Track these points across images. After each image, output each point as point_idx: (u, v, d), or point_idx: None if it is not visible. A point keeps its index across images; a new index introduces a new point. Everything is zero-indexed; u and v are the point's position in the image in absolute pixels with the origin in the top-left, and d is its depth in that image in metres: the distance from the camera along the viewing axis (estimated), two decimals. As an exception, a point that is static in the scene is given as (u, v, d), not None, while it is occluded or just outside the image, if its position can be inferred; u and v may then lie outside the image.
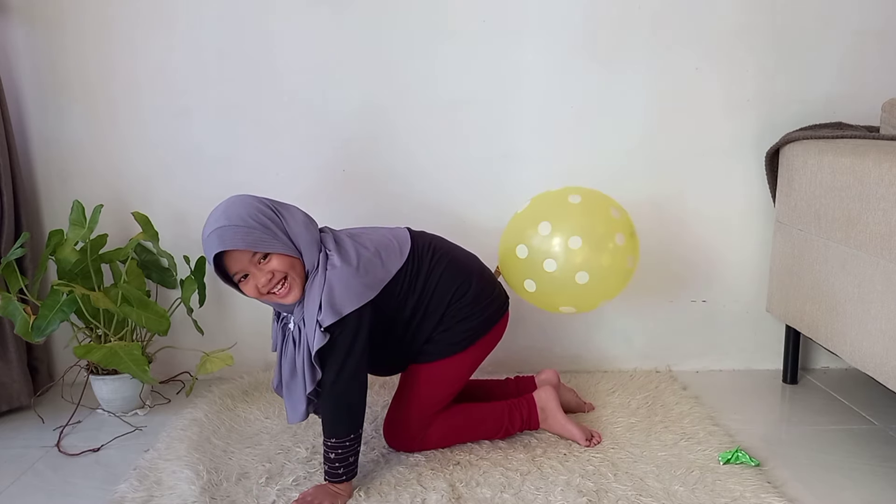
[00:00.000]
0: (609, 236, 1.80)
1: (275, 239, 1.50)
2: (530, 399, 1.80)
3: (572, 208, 1.83)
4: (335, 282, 1.52)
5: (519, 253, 1.83)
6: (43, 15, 2.06)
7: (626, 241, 1.83)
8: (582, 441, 1.76)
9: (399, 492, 1.58)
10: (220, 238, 1.47)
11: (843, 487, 1.62)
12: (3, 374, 2.00)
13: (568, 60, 2.12)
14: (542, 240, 1.80)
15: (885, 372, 1.60)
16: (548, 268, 1.79)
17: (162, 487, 1.60)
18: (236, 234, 1.47)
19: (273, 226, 1.51)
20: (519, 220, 1.90)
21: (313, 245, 1.55)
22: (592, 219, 1.82)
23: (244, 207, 1.51)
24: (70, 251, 1.96)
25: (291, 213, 1.57)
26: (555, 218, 1.81)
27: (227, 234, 1.47)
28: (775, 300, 2.12)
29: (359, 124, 2.14)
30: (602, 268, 1.80)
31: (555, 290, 1.83)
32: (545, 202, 1.90)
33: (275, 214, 1.53)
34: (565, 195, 1.87)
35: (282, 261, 1.51)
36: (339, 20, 2.08)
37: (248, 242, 1.48)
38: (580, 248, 1.77)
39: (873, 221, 1.64)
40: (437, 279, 1.67)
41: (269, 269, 1.51)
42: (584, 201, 1.84)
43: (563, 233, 1.79)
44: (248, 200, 1.53)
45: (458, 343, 1.69)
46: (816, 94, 2.15)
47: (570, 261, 1.78)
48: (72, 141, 2.13)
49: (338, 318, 1.50)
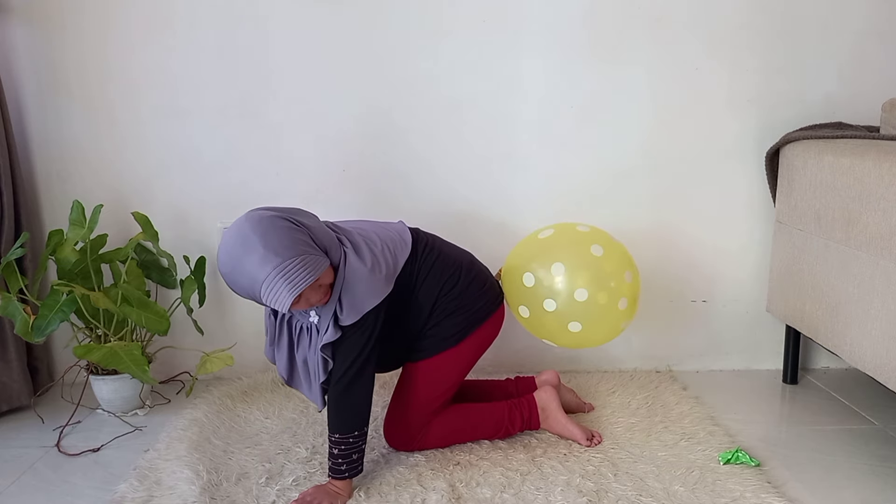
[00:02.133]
0: (615, 298, 1.80)
1: (319, 254, 1.46)
2: (531, 399, 1.80)
3: (591, 260, 1.81)
4: (354, 281, 1.51)
5: (525, 280, 1.83)
6: (43, 15, 2.06)
7: (628, 306, 1.84)
8: (583, 441, 1.76)
9: (399, 492, 1.58)
10: (289, 281, 1.38)
11: (843, 487, 1.62)
12: (3, 374, 2.00)
13: (568, 60, 2.12)
14: (550, 279, 1.80)
15: (885, 372, 1.61)
16: (546, 307, 1.81)
17: (162, 487, 1.60)
18: (302, 270, 1.39)
19: (310, 240, 1.46)
20: (535, 247, 1.88)
21: (334, 245, 1.53)
22: (606, 277, 1.80)
23: (279, 233, 1.41)
24: (70, 251, 1.96)
25: (308, 218, 1.52)
26: (571, 264, 1.80)
27: (292, 273, 1.38)
28: (775, 300, 2.12)
29: (359, 124, 2.14)
30: (596, 323, 1.82)
31: (544, 325, 1.85)
32: (567, 240, 1.87)
33: (303, 228, 1.46)
34: (589, 243, 1.84)
35: (328, 272, 1.48)
36: (339, 20, 2.08)
37: (315, 272, 1.41)
38: (583, 302, 1.77)
39: (873, 221, 1.64)
40: (428, 272, 1.67)
41: (320, 284, 1.47)
42: (606, 256, 1.82)
43: (573, 282, 1.78)
44: (276, 222, 1.43)
45: (450, 338, 1.69)
46: (816, 94, 2.15)
47: (569, 309, 1.79)
48: (72, 141, 2.13)
49: (360, 317, 1.51)
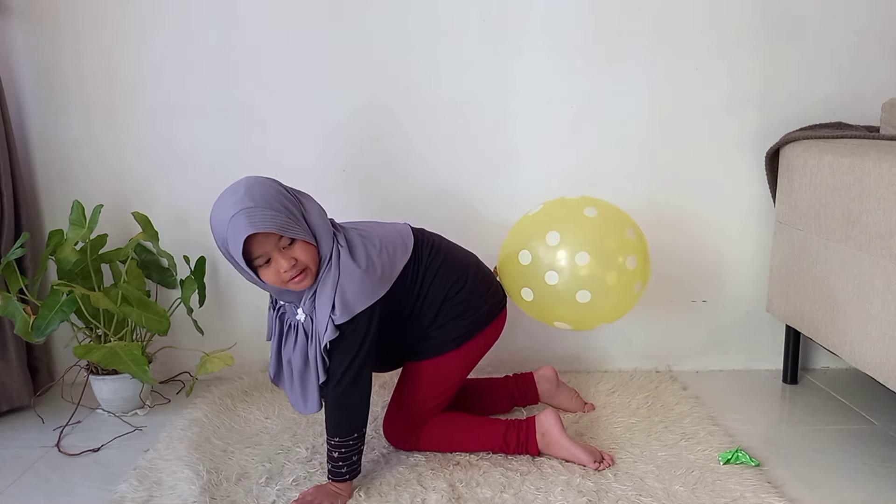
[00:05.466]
0: (620, 257, 1.71)
1: (298, 225, 1.48)
2: (530, 423, 1.71)
3: (586, 221, 1.72)
4: (348, 281, 1.51)
5: (521, 259, 1.76)
6: (42, 15, 2.06)
7: (638, 265, 1.73)
8: (590, 464, 1.65)
9: (399, 492, 1.58)
10: (249, 219, 1.41)
11: (843, 487, 1.62)
12: (3, 374, 2.00)
13: (568, 60, 2.12)
14: (548, 250, 1.72)
15: (886, 372, 1.60)
16: (549, 280, 1.72)
17: (162, 487, 1.60)
18: (266, 217, 1.42)
19: (296, 211, 1.49)
20: (527, 224, 1.83)
21: (328, 235, 1.53)
22: (606, 236, 1.71)
23: (268, 189, 1.47)
24: (70, 251, 1.96)
25: (309, 200, 1.56)
26: (565, 229, 1.71)
27: (256, 215, 1.42)
28: (775, 300, 2.12)
29: (359, 124, 2.14)
30: (607, 289, 1.70)
31: (552, 304, 1.75)
32: (558, 210, 1.80)
33: (296, 200, 1.51)
34: (581, 206, 1.76)
35: (305, 249, 1.48)
36: (339, 20, 2.08)
37: (279, 226, 1.43)
38: (587, 265, 1.69)
39: (873, 221, 1.64)
40: (434, 275, 1.65)
41: (293, 256, 1.48)
42: (601, 216, 1.73)
43: (572, 246, 1.69)
44: (269, 183, 1.49)
45: (453, 340, 1.68)
46: (816, 94, 2.15)
47: (573, 277, 1.70)
48: (72, 141, 2.13)
49: (351, 317, 1.50)
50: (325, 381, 1.55)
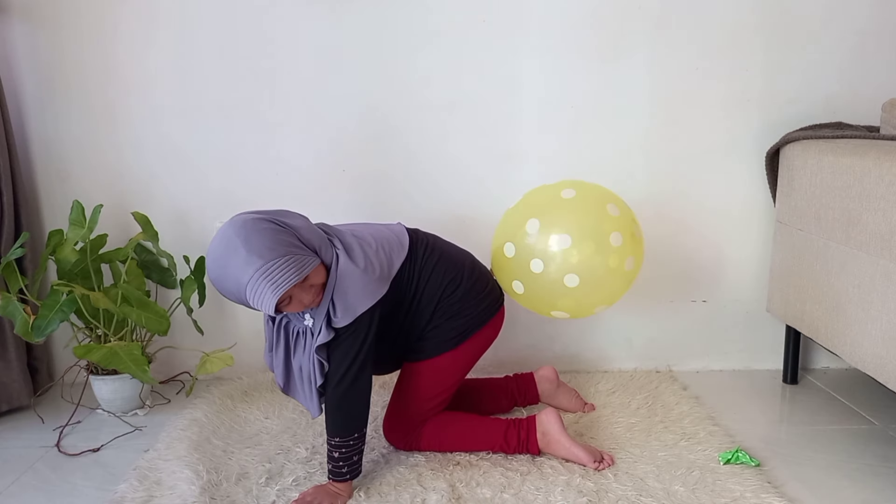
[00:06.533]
0: (603, 236, 1.69)
1: (306, 255, 1.44)
2: (531, 421, 1.72)
3: (564, 204, 1.71)
4: (348, 284, 1.50)
5: (506, 251, 1.74)
6: (43, 15, 2.06)
7: (625, 241, 1.71)
8: (590, 464, 1.65)
9: (399, 492, 1.58)
10: (271, 284, 1.37)
11: (843, 487, 1.62)
12: (3, 374, 2.00)
13: (568, 60, 2.12)
14: (529, 238, 1.70)
15: (886, 372, 1.60)
16: (534, 268, 1.70)
17: (162, 487, 1.60)
18: (284, 271, 1.38)
19: (296, 240, 1.45)
20: (509, 217, 1.82)
21: (325, 244, 1.51)
22: (586, 216, 1.69)
23: (263, 234, 1.41)
24: (70, 251, 1.96)
25: (293, 218, 1.51)
26: (544, 215, 1.70)
27: (275, 274, 1.37)
28: (775, 300, 2.12)
29: (359, 124, 2.14)
30: (595, 270, 1.68)
31: (543, 292, 1.73)
32: (537, 197, 1.79)
33: (286, 227, 1.45)
34: (559, 190, 1.75)
35: (317, 272, 1.46)
36: (339, 20, 2.08)
37: (298, 272, 1.39)
38: (569, 249, 1.66)
39: (873, 221, 1.64)
40: (430, 274, 1.65)
41: (311, 284, 1.46)
42: (579, 196, 1.71)
43: (552, 231, 1.68)
44: (258, 224, 1.42)
45: (450, 340, 1.68)
46: (816, 94, 2.15)
47: (557, 262, 1.68)
48: (72, 141, 2.13)
49: (353, 319, 1.50)
50: (322, 384, 1.55)
